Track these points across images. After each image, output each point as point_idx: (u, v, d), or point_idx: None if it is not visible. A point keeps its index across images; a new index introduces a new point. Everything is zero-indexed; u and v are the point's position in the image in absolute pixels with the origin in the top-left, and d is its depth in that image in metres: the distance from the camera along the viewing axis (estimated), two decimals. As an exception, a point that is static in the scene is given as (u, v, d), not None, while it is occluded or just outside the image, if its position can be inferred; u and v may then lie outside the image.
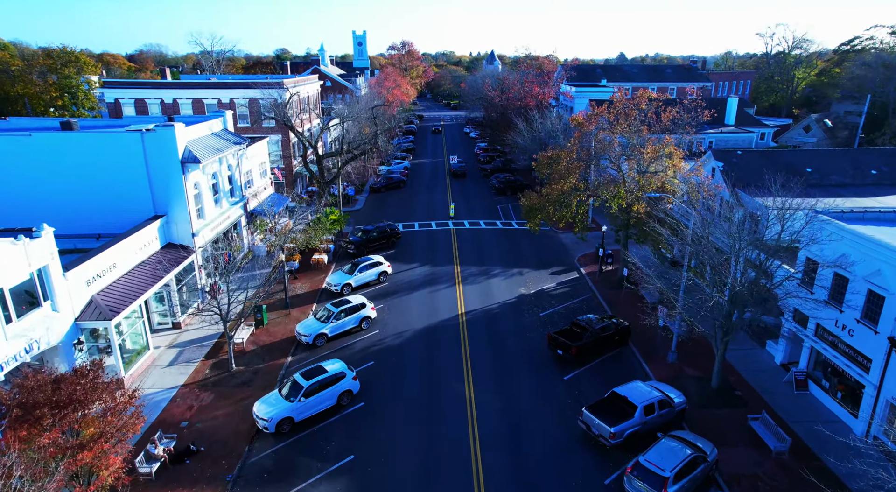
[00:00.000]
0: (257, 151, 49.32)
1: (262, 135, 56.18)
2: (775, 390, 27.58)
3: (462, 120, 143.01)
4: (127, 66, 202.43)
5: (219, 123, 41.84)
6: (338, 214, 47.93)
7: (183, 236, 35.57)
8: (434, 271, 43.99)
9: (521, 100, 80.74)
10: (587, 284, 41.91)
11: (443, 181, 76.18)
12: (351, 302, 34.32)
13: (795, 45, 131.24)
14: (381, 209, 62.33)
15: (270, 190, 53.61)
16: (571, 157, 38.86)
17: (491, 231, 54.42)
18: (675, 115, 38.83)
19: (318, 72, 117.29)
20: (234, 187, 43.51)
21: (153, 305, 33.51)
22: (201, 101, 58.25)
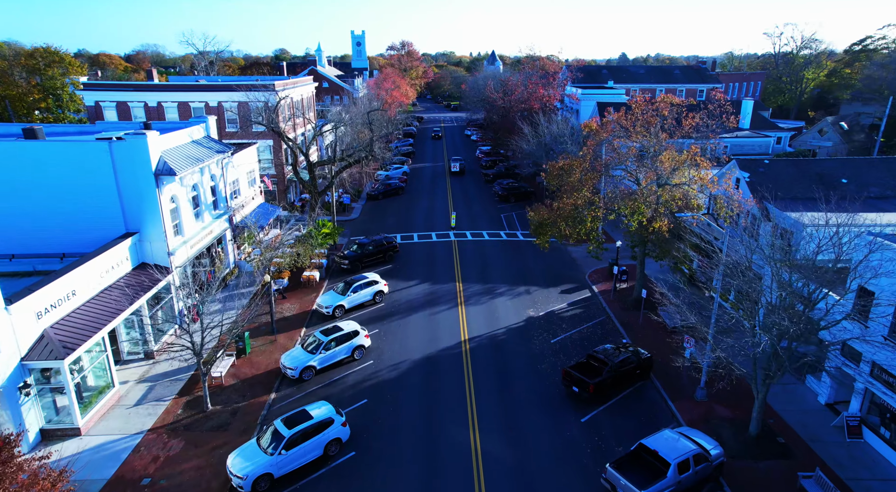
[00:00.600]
0: (245, 158, 46.01)
1: (253, 140, 52.95)
2: (824, 437, 24.24)
3: (462, 122, 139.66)
4: (123, 67, 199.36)
5: (200, 129, 38.51)
6: (331, 226, 44.60)
7: (158, 256, 32.24)
8: (434, 290, 40.65)
9: (525, 102, 77.43)
10: (600, 304, 38.58)
11: (443, 187, 72.85)
12: (342, 329, 30.96)
13: (804, 44, 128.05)
14: (379, 219, 58.99)
15: (260, 199, 50.30)
16: (584, 166, 35.53)
17: (495, 243, 51.09)
18: (698, 121, 35.50)
19: (315, 73, 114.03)
20: (218, 199, 40.19)
21: (122, 332, 30.17)
22: (187, 105, 54.94)
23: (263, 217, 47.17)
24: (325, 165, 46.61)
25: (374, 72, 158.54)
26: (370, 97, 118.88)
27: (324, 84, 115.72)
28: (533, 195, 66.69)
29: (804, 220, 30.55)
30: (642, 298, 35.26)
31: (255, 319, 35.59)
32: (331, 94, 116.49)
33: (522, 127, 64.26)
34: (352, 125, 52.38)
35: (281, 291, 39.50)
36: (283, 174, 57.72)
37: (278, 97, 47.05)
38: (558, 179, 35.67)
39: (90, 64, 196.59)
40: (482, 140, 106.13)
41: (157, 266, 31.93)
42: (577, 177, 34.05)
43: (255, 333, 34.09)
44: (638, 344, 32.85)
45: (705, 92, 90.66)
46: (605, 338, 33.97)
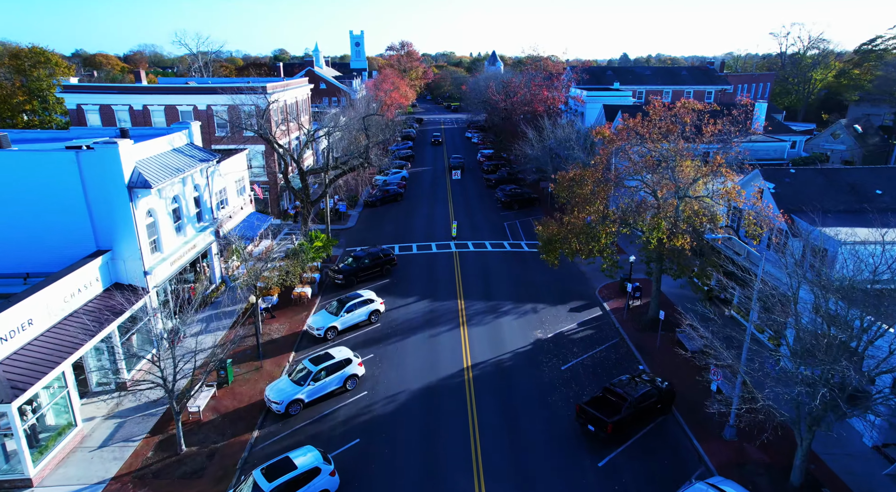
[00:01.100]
0: (233, 165, 43.27)
1: (244, 146, 50.18)
2: (876, 489, 21.49)
3: (463, 123, 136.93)
4: (120, 67, 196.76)
5: (181, 136, 35.76)
6: (324, 238, 41.86)
7: (133, 275, 29.50)
8: (434, 308, 37.90)
9: (528, 105, 74.70)
10: (613, 324, 35.84)
11: (443, 193, 70.09)
12: (333, 357, 28.20)
13: (811, 45, 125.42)
14: (376, 227, 56.25)
15: (250, 208, 47.54)
16: (596, 176, 32.79)
17: (498, 255, 48.33)
18: (721, 128, 32.77)
19: (312, 74, 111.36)
20: (203, 210, 37.45)
21: (90, 362, 27.42)
22: (175, 109, 52.22)
23: (253, 227, 44.44)
24: (318, 173, 43.82)
25: (374, 73, 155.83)
26: (368, 99, 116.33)
27: (321, 85, 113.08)
28: (537, 202, 64.00)
29: (841, 236, 27.89)
30: (659, 320, 32.52)
31: (240, 342, 32.88)
32: (328, 96, 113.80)
33: (526, 131, 61.52)
34: (347, 130, 49.59)
35: (269, 310, 36.75)
36: (275, 181, 55.00)
37: (268, 101, 44.18)
38: (568, 191, 32.93)
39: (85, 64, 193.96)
40: (483, 143, 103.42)
41: (131, 287, 29.20)
42: (588, 188, 31.31)
43: (239, 359, 31.35)
44: (656, 370, 30.13)
45: (713, 93, 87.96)
46: (620, 363, 31.25)
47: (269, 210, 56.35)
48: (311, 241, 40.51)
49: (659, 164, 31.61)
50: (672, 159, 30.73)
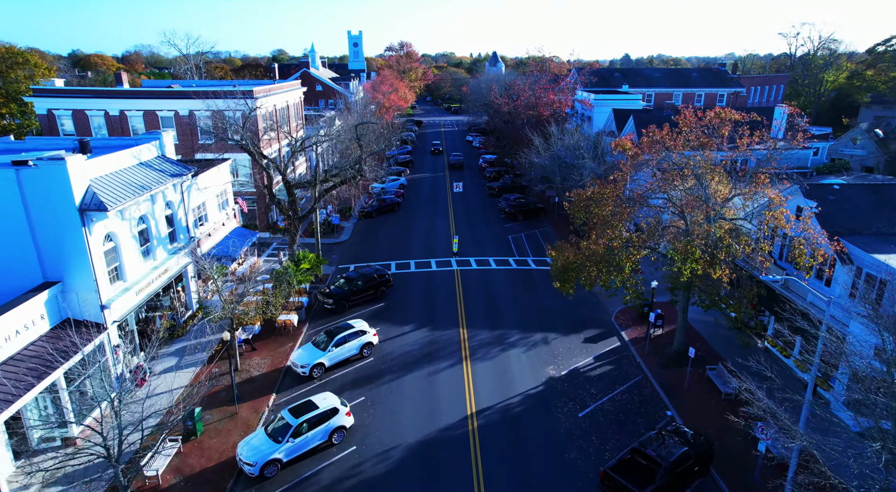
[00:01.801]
0: (214, 177, 39.53)
1: (230, 155, 46.35)
2: None
3: (463, 126, 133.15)
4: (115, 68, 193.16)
5: (151, 148, 31.96)
6: (312, 258, 38.05)
7: (87, 309, 25.72)
8: (434, 338, 34.11)
9: (533, 108, 70.94)
10: (633, 358, 32.06)
11: (444, 203, 66.28)
12: (317, 407, 24.38)
13: (822, 45, 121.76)
14: (371, 241, 52.45)
15: (233, 224, 43.78)
16: (616, 193, 28.98)
17: (503, 274, 44.54)
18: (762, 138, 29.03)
19: (307, 75, 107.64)
20: (178, 229, 33.68)
21: (31, 414, 23.61)
22: (154, 114, 48.46)
23: (236, 245, 40.70)
24: (306, 186, 40.01)
25: (372, 74, 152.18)
26: (366, 101, 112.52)
27: (316, 87, 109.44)
28: (543, 212, 60.23)
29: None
30: (689, 357, 28.71)
31: (216, 380, 29.13)
32: (324, 98, 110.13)
33: (532, 137, 57.73)
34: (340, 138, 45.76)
35: (250, 342, 32.94)
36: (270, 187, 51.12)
37: (251, 107, 40.34)
38: (585, 211, 29.12)
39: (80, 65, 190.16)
40: (485, 147, 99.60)
41: (86, 323, 25.41)
42: (609, 209, 27.52)
43: (212, 402, 27.55)
44: (687, 416, 26.37)
45: (725, 96, 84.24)
46: (644, 406, 27.48)
47: (256, 223, 52.64)
48: (297, 262, 36.64)
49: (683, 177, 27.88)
50: (704, 176, 26.99)
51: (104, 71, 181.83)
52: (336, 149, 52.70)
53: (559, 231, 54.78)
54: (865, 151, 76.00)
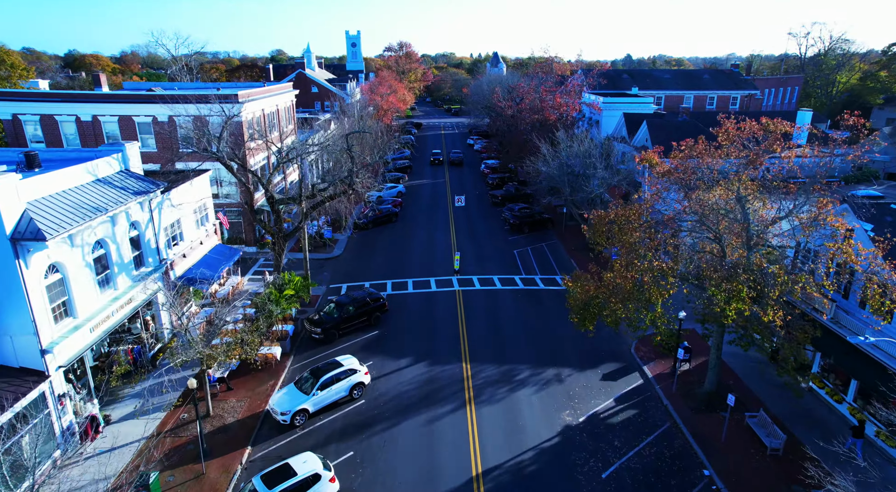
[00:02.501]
0: (192, 191, 35.79)
1: (214, 164, 42.49)
2: None
3: (464, 128, 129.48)
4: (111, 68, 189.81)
5: (110, 162, 28.16)
6: (298, 282, 34.23)
7: (24, 355, 21.94)
8: (434, 375, 30.31)
9: (538, 112, 67.15)
10: (659, 399, 28.27)
11: (444, 211, 62.50)
12: (296, 474, 20.53)
13: (833, 45, 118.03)
14: (366, 256, 48.65)
15: (214, 241, 40.01)
16: (641, 213, 25.21)
17: (509, 294, 40.76)
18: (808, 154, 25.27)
19: (302, 76, 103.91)
20: (145, 252, 29.91)
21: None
22: (130, 120, 44.68)
23: (216, 265, 36.94)
24: (290, 202, 36.18)
25: (371, 75, 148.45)
26: (364, 103, 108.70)
27: (312, 89, 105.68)
28: (550, 223, 56.46)
29: None
30: (726, 402, 24.94)
31: (183, 428, 25.40)
32: (320, 100, 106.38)
33: (539, 143, 53.93)
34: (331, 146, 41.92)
35: (225, 380, 29.15)
36: (251, 203, 47.34)
37: (227, 114, 36.52)
38: (607, 236, 25.33)
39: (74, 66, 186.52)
40: (486, 151, 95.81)
41: (22, 370, 21.66)
42: (636, 236, 23.72)
43: (176, 458, 23.75)
44: (728, 478, 22.58)
45: (739, 99, 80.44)
46: (677, 464, 23.71)
47: (243, 236, 48.84)
48: (281, 287, 32.80)
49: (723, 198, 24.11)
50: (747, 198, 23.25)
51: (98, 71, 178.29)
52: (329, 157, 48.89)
53: (568, 245, 51.05)
54: (889, 156, 72.21)
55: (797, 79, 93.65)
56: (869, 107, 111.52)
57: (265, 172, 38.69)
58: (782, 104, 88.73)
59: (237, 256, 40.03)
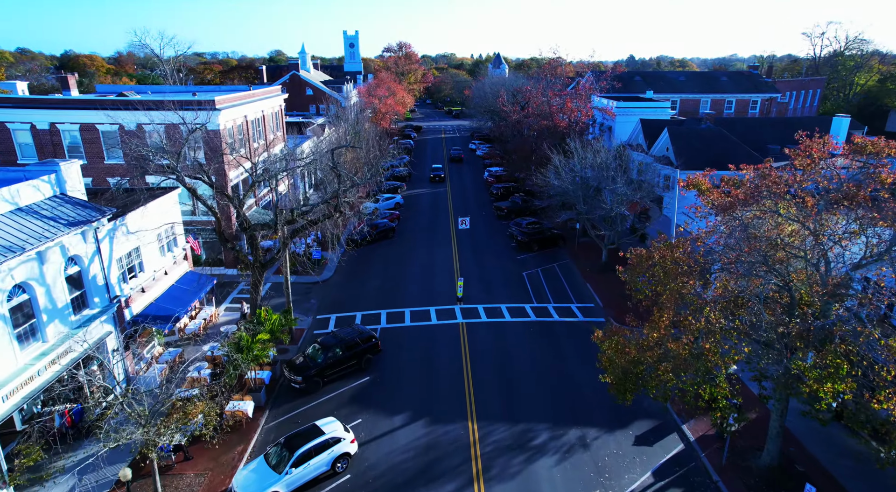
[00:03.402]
0: (155, 214, 30.89)
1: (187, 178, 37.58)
2: None
3: (466, 131, 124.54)
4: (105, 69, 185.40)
5: (38, 186, 23.24)
6: (276, 321, 29.22)
7: (-90, 442, 17.02)
8: (434, 439, 25.38)
9: (547, 118, 62.24)
10: (707, 473, 23.33)
11: (445, 224, 57.60)
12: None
13: (849, 45, 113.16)
14: (359, 280, 43.74)
15: (184, 267, 35.15)
16: (686, 249, 20.27)
17: (520, 328, 35.87)
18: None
19: (296, 78, 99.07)
20: (90, 292, 25.03)
21: None
22: (94, 128, 39.82)
23: (185, 296, 32.08)
24: (264, 229, 31.20)
25: (369, 76, 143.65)
26: (361, 106, 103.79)
27: (306, 91, 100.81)
28: (561, 240, 51.51)
29: None
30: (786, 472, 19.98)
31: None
32: (315, 103, 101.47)
33: (550, 153, 49.02)
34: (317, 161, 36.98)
35: (183, 448, 24.20)
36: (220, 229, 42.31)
37: (190, 126, 31.57)
38: (651, 283, 20.38)
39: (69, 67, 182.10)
40: (490, 157, 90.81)
41: None
42: (690, 285, 18.77)
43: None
44: None
45: (759, 103, 75.55)
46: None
47: (222, 257, 43.87)
48: (254, 332, 27.77)
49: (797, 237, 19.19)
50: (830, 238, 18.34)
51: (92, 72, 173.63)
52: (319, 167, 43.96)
53: (581, 265, 46.16)
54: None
55: (819, 81, 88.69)
56: (886, 110, 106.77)
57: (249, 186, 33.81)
58: (803, 108, 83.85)
59: (210, 286, 35.15)
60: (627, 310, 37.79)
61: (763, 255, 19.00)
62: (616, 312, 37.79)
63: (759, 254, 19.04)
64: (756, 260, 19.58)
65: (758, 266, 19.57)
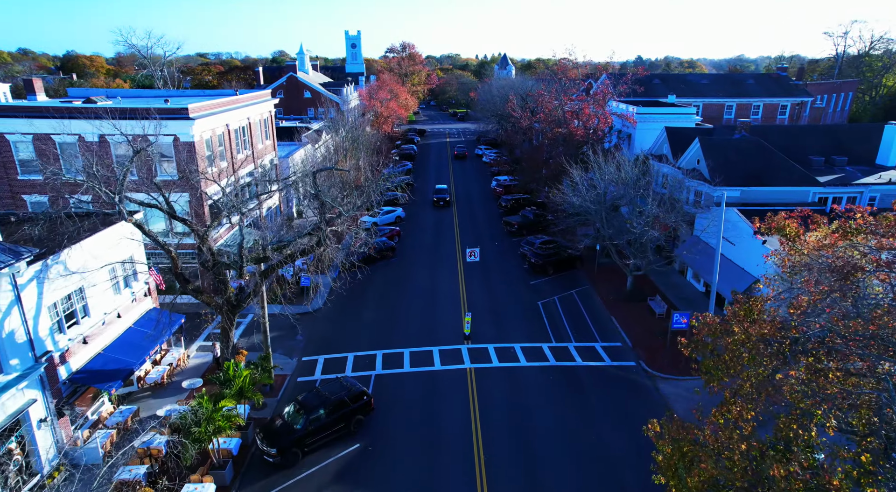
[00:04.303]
0: (101, 248, 25.85)
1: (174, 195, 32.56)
2: None
3: (471, 135, 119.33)
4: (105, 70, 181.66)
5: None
6: (247, 378, 24.09)
7: None
8: (437, 540, 20.29)
9: (562, 125, 57.06)
10: None
11: (450, 242, 52.49)
12: None
13: (874, 45, 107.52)
14: (352, 311, 38.70)
15: (146, 305, 30.14)
16: (787, 329, 15.03)
17: (538, 375, 30.71)
18: None
19: (294, 80, 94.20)
20: (6, 351, 20.01)
21: None
22: (49, 139, 34.92)
23: (143, 343, 27.05)
24: (230, 268, 26.03)
25: (372, 77, 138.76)
26: (362, 109, 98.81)
27: (305, 94, 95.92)
28: (578, 262, 46.30)
29: None
30: None
31: None
32: (313, 106, 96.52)
33: (568, 167, 43.81)
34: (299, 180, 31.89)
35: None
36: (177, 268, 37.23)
37: (135, 149, 26.46)
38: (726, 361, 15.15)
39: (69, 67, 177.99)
40: (498, 163, 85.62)
41: None
42: (792, 375, 13.56)
43: None
44: None
45: (789, 107, 70.10)
46: None
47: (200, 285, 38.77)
48: (217, 399, 22.62)
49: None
50: None
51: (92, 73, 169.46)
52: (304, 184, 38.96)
53: (602, 291, 41.03)
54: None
55: (851, 83, 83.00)
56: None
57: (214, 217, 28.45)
58: (834, 113, 78.27)
59: (177, 325, 30.16)
60: (660, 349, 32.87)
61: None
62: (647, 354, 32.67)
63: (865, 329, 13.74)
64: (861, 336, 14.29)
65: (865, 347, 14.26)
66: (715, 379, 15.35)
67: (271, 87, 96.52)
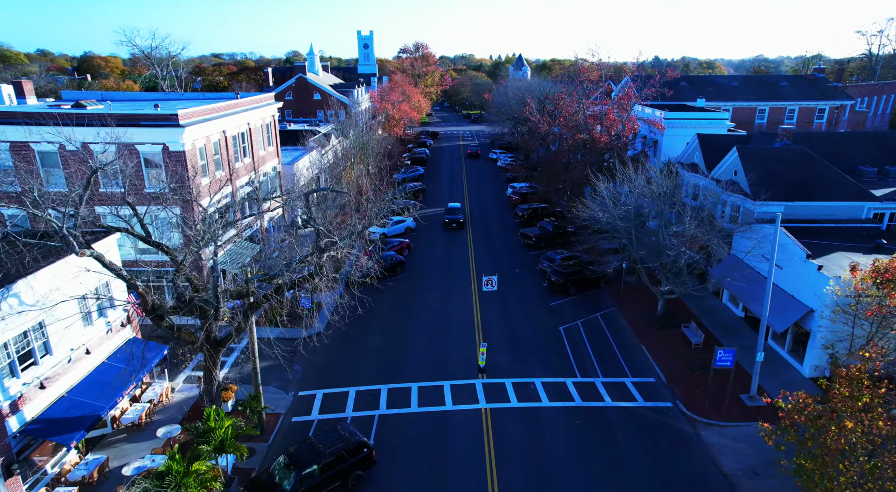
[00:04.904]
0: (65, 277, 22.73)
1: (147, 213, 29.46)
2: None
3: (485, 137, 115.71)
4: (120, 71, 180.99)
5: None
6: (229, 429, 20.83)
7: None
8: None
9: (584, 130, 53.32)
10: None
11: (464, 258, 49.02)
12: None
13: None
14: (355, 338, 35.38)
15: (124, 335, 27.04)
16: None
17: (562, 417, 27.13)
18: None
19: (303, 81, 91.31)
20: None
21: None
22: (28, 147, 32.06)
23: (115, 383, 23.90)
24: (206, 306, 22.61)
25: (384, 78, 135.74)
26: (373, 111, 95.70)
27: (314, 95, 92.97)
28: (603, 280, 42.54)
29: None
30: None
31: None
32: (324, 108, 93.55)
33: (594, 179, 40.13)
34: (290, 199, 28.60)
35: None
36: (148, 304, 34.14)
37: (96, 166, 23.25)
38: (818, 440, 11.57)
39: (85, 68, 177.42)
40: (513, 168, 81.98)
41: None
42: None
43: None
44: None
45: (827, 111, 65.67)
46: None
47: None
48: (192, 458, 19.34)
49: None
50: None
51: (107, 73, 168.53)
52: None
53: (629, 315, 37.40)
54: None
55: (894, 85, 77.93)
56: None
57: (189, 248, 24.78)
58: (874, 117, 73.58)
59: (159, 358, 27.01)
60: (699, 387, 29.14)
61: None
62: (685, 393, 28.96)
63: None
64: None
65: None
66: (806, 477, 11.70)
67: (280, 89, 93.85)
